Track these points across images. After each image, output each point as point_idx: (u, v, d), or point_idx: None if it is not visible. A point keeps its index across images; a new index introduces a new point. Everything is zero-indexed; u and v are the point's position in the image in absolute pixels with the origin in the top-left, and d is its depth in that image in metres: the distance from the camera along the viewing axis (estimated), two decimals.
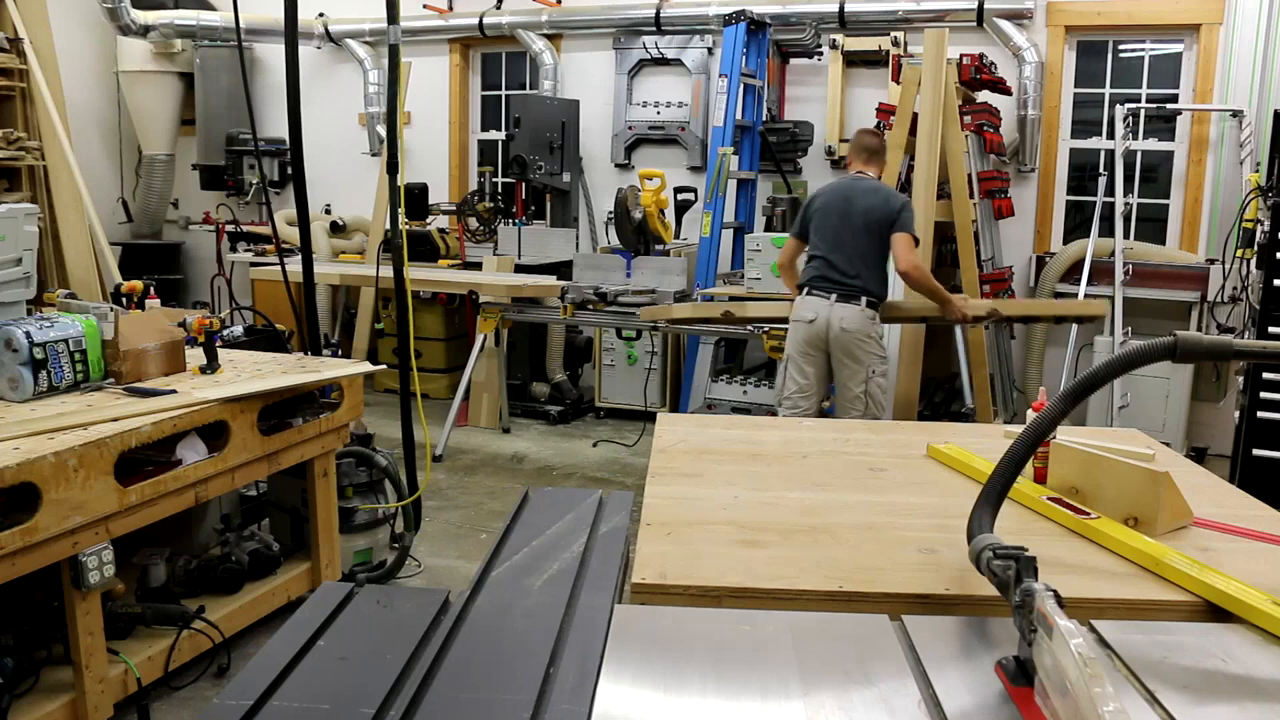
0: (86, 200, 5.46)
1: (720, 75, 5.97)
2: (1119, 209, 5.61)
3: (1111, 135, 5.71)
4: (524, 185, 6.68)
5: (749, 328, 5.06)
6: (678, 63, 6.95)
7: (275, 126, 7.45)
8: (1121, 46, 6.21)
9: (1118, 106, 5.71)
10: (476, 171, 7.55)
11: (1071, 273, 5.93)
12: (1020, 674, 1.22)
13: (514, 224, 6.81)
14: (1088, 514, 1.85)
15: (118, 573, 2.62)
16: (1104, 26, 6.09)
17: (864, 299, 4.13)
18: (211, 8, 7.78)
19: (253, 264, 7.11)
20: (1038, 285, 6.13)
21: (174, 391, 2.95)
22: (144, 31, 7.43)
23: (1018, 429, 1.86)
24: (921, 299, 4.29)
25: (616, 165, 7.18)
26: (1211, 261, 5.67)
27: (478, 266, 6.71)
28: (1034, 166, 6.19)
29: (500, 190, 7.26)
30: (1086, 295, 5.69)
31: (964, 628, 1.43)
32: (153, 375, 3.12)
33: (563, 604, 1.48)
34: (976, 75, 5.41)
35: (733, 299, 5.31)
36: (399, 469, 3.84)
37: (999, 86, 5.72)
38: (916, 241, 4.17)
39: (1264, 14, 5.56)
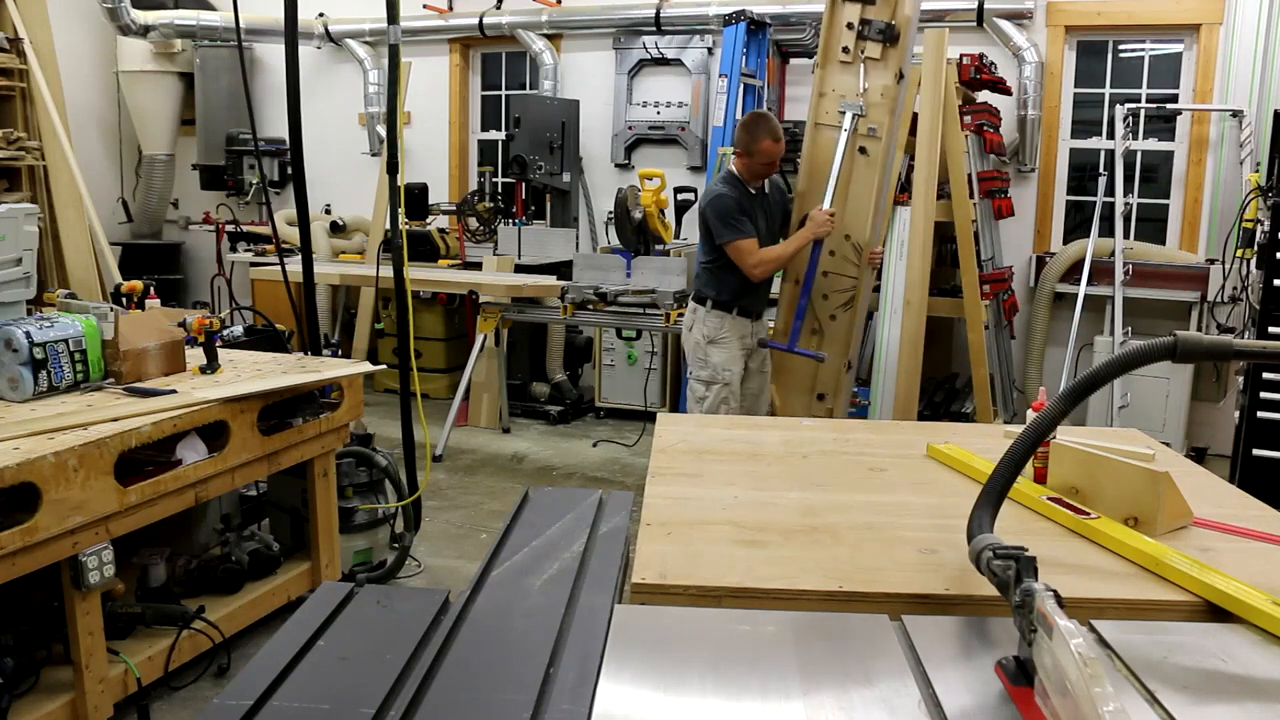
0: (86, 200, 5.46)
1: (720, 75, 5.96)
2: (1119, 209, 5.61)
3: (1111, 135, 5.71)
4: (524, 185, 6.68)
5: None
6: (678, 63, 6.95)
7: (275, 126, 7.45)
8: (1121, 46, 6.21)
9: (1118, 106, 5.71)
10: (476, 171, 7.55)
11: (1071, 273, 5.94)
12: (1020, 674, 1.22)
13: (514, 224, 6.81)
14: (1088, 514, 1.85)
15: (118, 573, 2.62)
16: (1104, 26, 6.09)
17: (693, 299, 4.25)
18: (211, 8, 7.78)
19: (253, 264, 7.11)
20: (1038, 285, 6.13)
21: (174, 391, 2.95)
22: (144, 31, 7.43)
23: (1018, 429, 1.86)
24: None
25: (616, 165, 7.18)
26: (1211, 261, 5.67)
27: (478, 266, 6.71)
28: (1034, 166, 6.19)
29: (500, 190, 7.26)
30: (1086, 295, 5.69)
31: (964, 628, 1.43)
32: (153, 375, 3.12)
33: (563, 604, 1.48)
34: (976, 75, 5.41)
35: None
36: (399, 469, 3.84)
37: (999, 86, 5.72)
38: (753, 233, 4.01)
39: (1264, 14, 5.56)
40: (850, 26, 3.94)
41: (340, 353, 6.79)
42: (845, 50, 3.96)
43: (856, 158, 4.06)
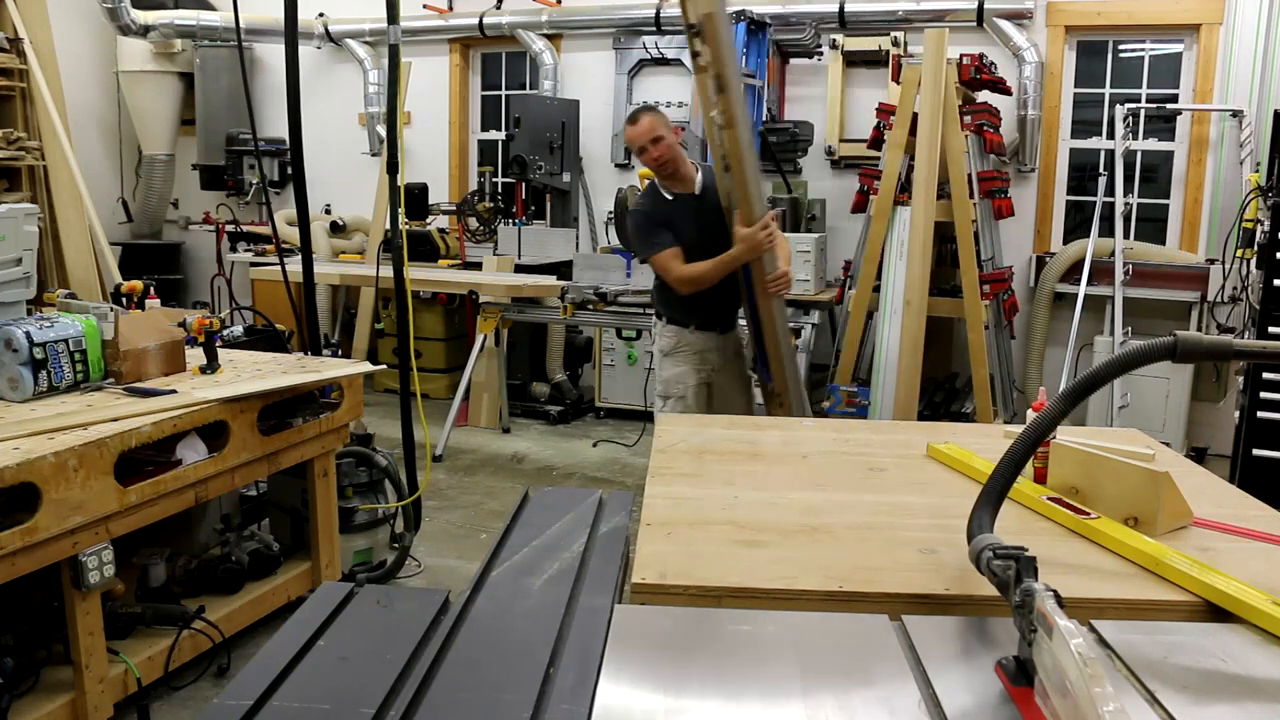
0: (86, 200, 5.47)
1: None
2: (1119, 209, 5.61)
3: (1111, 135, 5.71)
4: (524, 185, 6.67)
5: None
6: (678, 63, 6.95)
7: (275, 126, 7.45)
8: (1121, 46, 6.21)
9: (1118, 106, 5.71)
10: (476, 171, 7.55)
11: (1071, 273, 5.94)
12: (1020, 674, 1.22)
13: (514, 224, 6.81)
14: (1088, 514, 1.85)
15: (118, 573, 2.62)
16: (1104, 26, 6.08)
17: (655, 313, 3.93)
18: (211, 8, 7.78)
19: (253, 264, 7.11)
20: (1038, 285, 6.13)
21: (174, 391, 2.95)
22: (144, 31, 7.43)
23: (1018, 429, 1.86)
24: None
25: (616, 165, 7.18)
26: (1211, 261, 5.67)
27: (478, 266, 6.70)
28: (1034, 166, 6.19)
29: (500, 190, 7.26)
30: (1087, 295, 5.69)
31: (964, 628, 1.43)
32: (153, 375, 3.12)
33: (563, 604, 1.48)
34: (976, 75, 5.41)
35: None
36: (399, 469, 3.84)
37: (999, 86, 5.71)
38: (673, 246, 3.57)
39: (1264, 14, 5.56)
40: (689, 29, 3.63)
41: (340, 353, 6.79)
42: (696, 55, 3.47)
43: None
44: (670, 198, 3.68)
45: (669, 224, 3.64)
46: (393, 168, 3.59)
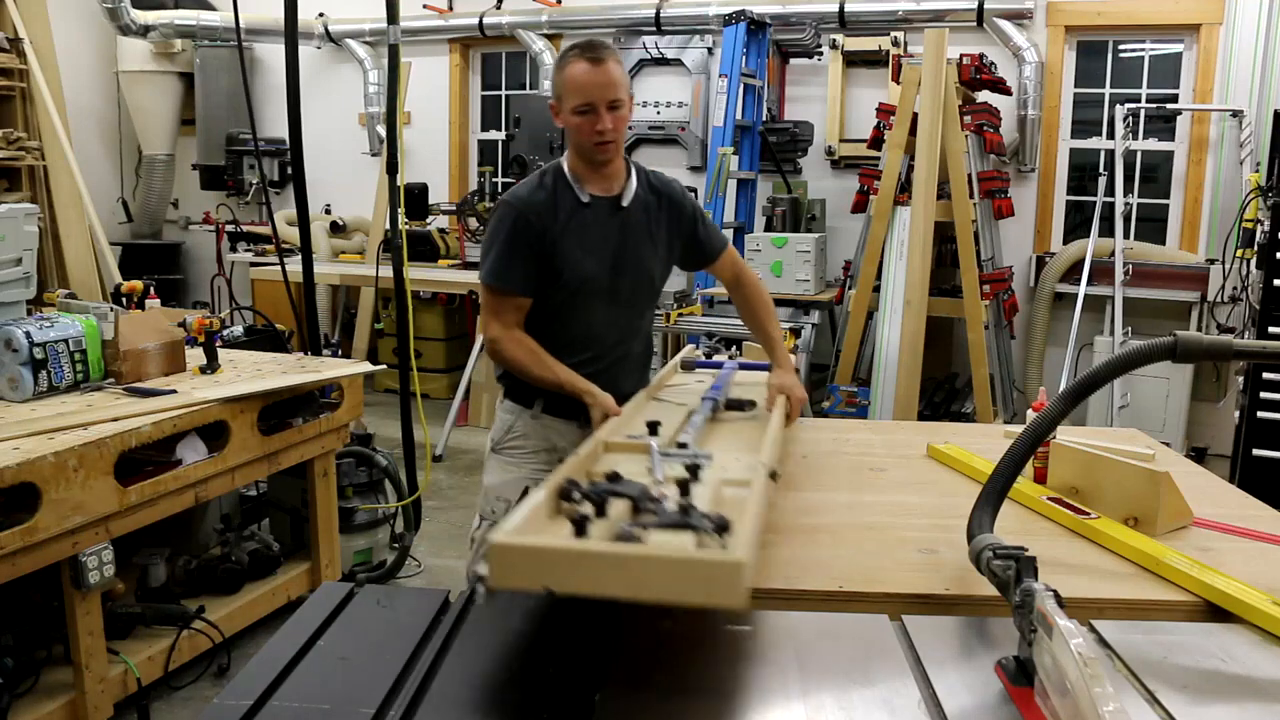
0: (86, 200, 5.47)
1: (720, 75, 5.96)
2: (1119, 209, 5.60)
3: (1111, 135, 5.71)
4: None
5: None
6: (678, 63, 6.95)
7: (275, 126, 7.44)
8: (1121, 46, 6.21)
9: (1118, 106, 5.70)
10: (476, 171, 7.55)
11: (1071, 273, 5.93)
12: (1020, 674, 1.22)
13: None
14: (1088, 514, 1.85)
15: (118, 573, 2.62)
16: (1104, 26, 6.08)
17: None
18: (211, 8, 7.78)
19: (253, 264, 7.11)
20: (1038, 285, 6.13)
21: (174, 391, 2.95)
22: (144, 31, 7.43)
23: (1018, 429, 1.86)
24: None
25: None
26: (1211, 261, 5.67)
27: (478, 266, 6.69)
28: (1034, 166, 6.19)
29: (500, 190, 7.25)
30: (1087, 295, 5.69)
31: (964, 628, 1.43)
32: (153, 375, 3.12)
33: (563, 604, 1.48)
34: (976, 75, 5.41)
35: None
36: (399, 469, 3.84)
37: (999, 86, 5.71)
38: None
39: (1264, 14, 5.56)
40: None
41: (340, 353, 6.79)
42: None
43: None
44: (585, 200, 2.27)
45: (549, 250, 2.25)
46: (393, 168, 3.59)
